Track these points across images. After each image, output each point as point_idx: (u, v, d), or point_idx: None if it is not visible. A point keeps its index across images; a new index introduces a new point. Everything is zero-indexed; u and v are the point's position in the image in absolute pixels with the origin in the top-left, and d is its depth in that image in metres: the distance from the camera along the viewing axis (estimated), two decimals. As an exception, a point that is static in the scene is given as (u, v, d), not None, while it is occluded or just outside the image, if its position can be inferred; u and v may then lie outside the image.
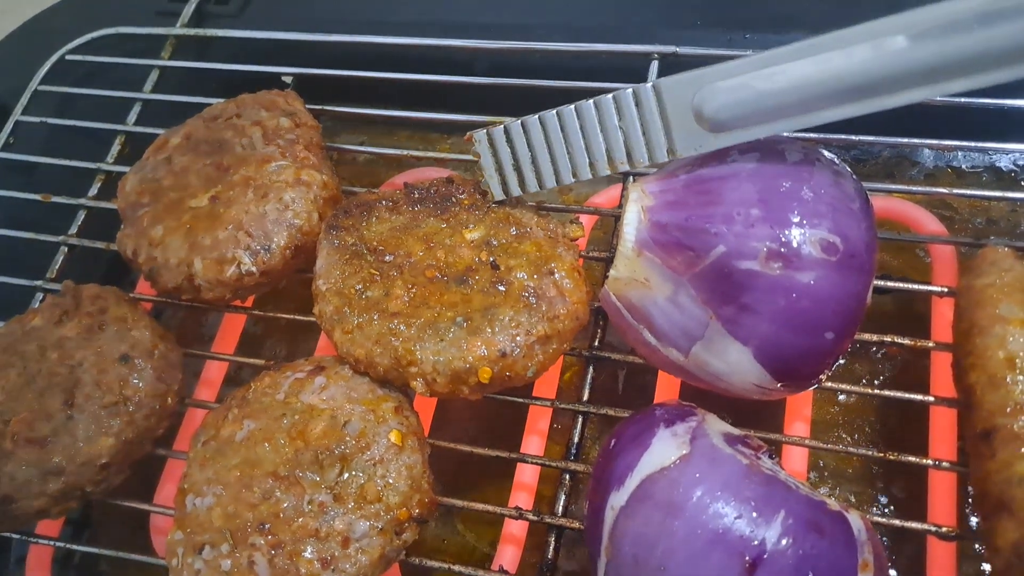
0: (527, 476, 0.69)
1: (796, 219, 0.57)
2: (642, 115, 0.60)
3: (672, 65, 0.79)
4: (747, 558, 0.50)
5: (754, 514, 0.52)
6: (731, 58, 0.55)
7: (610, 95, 0.60)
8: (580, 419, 0.66)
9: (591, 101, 0.61)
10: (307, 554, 0.57)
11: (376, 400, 0.64)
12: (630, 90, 0.59)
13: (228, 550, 0.59)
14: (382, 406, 0.63)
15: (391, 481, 0.60)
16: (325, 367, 0.66)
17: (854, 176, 0.60)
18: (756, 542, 0.51)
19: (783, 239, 0.56)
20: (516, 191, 0.66)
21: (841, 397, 0.73)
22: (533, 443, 0.71)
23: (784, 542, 0.51)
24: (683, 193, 0.61)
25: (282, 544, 0.58)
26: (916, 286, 0.65)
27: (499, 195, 0.67)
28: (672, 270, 0.60)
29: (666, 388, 0.71)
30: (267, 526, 0.59)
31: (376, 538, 0.58)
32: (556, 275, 0.65)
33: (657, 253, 0.60)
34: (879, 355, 0.74)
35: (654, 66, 0.80)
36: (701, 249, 0.58)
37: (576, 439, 0.66)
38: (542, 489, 0.72)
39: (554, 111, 0.62)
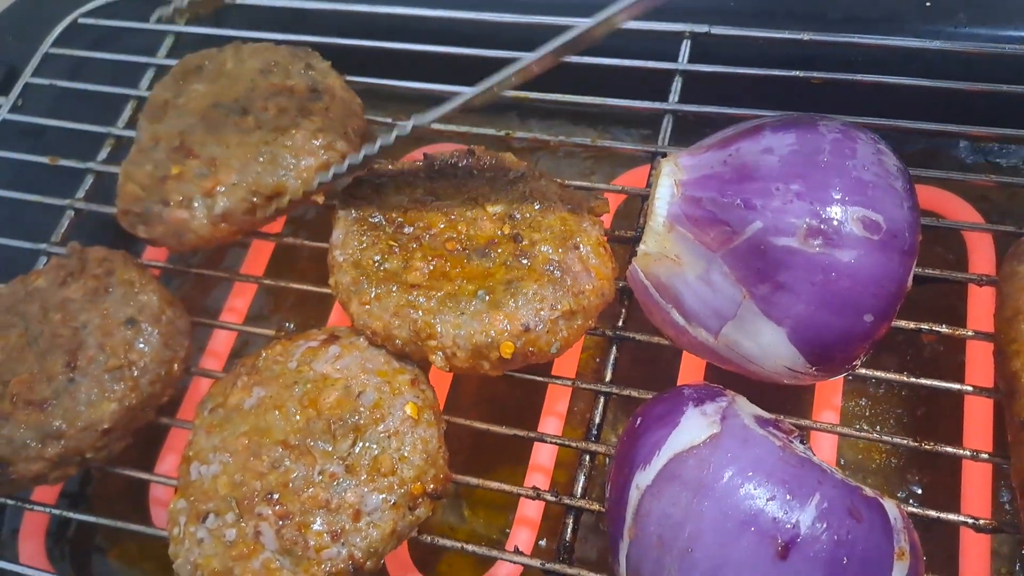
0: (544, 457, 0.67)
1: (837, 195, 0.55)
2: None
3: (704, 45, 0.78)
4: (780, 541, 0.48)
5: (788, 496, 0.49)
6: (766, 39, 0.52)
7: None
8: (602, 400, 0.64)
9: None
10: (316, 526, 0.55)
11: (392, 372, 0.61)
12: None
13: (233, 519, 0.56)
14: (398, 378, 0.61)
15: (406, 454, 0.58)
16: (339, 337, 0.64)
17: (896, 154, 0.58)
18: (790, 525, 0.48)
19: (823, 216, 0.54)
20: None
21: (869, 389, 0.71)
22: (551, 424, 0.69)
23: (819, 526, 0.49)
24: (719, 167, 0.59)
25: (291, 515, 0.55)
26: (954, 274, 0.62)
27: None
28: (705, 246, 0.58)
29: (690, 371, 0.69)
30: (275, 496, 0.56)
31: (388, 512, 0.56)
32: (582, 249, 0.63)
33: (690, 228, 0.58)
34: (909, 347, 0.72)
35: (685, 45, 0.78)
36: (737, 225, 0.56)
37: (597, 420, 0.63)
38: (556, 476, 0.70)
39: None
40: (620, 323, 0.67)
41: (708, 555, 0.49)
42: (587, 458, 0.62)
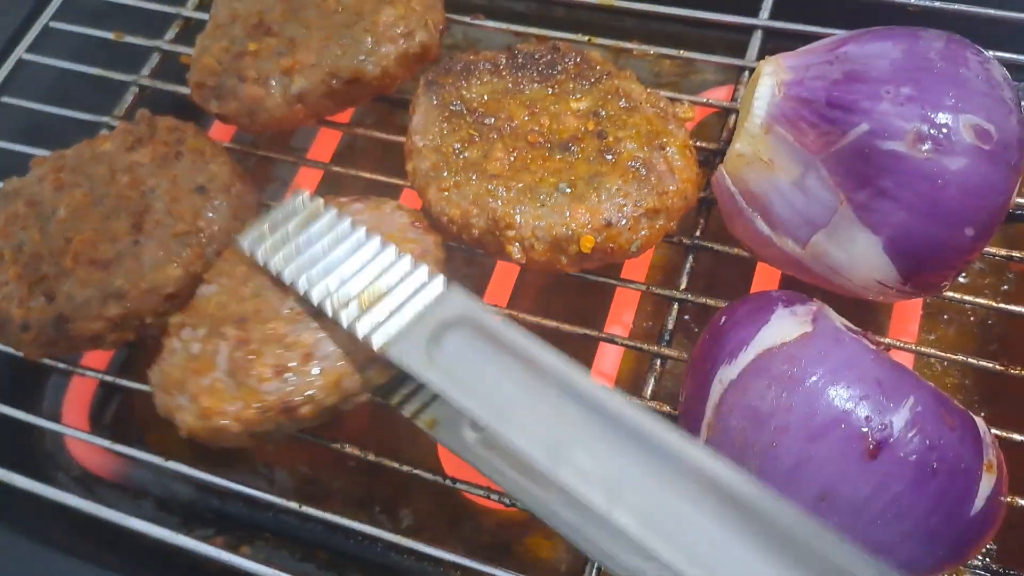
0: (608, 364, 0.66)
1: (950, 101, 0.53)
2: None
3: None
4: (871, 440, 0.47)
5: (882, 396, 0.48)
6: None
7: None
8: (675, 306, 0.63)
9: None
10: (266, 358, 0.54)
11: (403, 240, 0.59)
12: None
13: (203, 335, 0.56)
14: (406, 246, 0.58)
15: None
16: (368, 199, 0.62)
17: (1001, 65, 0.56)
18: (882, 424, 0.47)
19: (935, 121, 0.53)
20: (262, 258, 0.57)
21: (944, 318, 0.69)
22: (615, 333, 0.67)
23: (912, 429, 0.47)
24: (825, 68, 0.57)
25: (249, 341, 0.55)
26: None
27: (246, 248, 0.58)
28: (804, 149, 0.56)
29: (764, 285, 0.67)
30: (244, 320, 0.56)
31: (339, 364, 0.54)
32: (667, 150, 0.62)
33: (790, 129, 0.56)
34: (987, 280, 0.70)
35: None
36: (841, 126, 0.54)
37: (670, 326, 0.62)
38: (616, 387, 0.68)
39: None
40: (698, 233, 0.65)
41: (793, 450, 0.48)
42: (658, 362, 0.61)
